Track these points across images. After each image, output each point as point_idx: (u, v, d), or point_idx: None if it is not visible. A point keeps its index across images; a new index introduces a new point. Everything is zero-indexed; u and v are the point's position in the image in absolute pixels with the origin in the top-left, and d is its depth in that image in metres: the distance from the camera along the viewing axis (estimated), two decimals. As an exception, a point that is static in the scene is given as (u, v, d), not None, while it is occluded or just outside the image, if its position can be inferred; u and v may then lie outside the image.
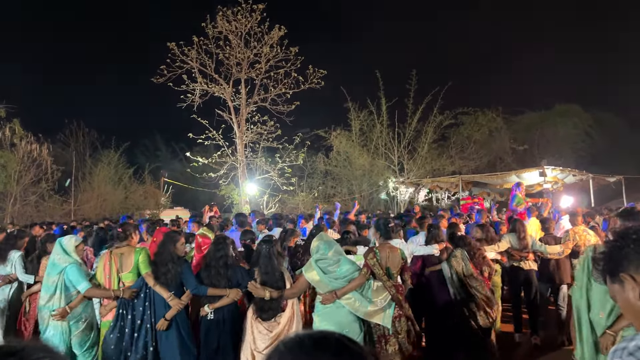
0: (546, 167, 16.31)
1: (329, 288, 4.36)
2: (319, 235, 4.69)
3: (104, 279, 4.81)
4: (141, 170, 28.78)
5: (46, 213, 21.67)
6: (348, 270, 4.41)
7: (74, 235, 5.18)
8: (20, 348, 1.12)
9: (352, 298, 4.37)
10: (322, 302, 4.40)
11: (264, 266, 4.74)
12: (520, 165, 23.51)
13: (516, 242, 6.74)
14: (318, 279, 4.38)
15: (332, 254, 4.42)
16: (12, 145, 20.72)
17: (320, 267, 4.41)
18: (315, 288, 4.75)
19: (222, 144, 19.00)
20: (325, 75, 18.65)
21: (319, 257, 4.43)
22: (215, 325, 4.70)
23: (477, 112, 25.43)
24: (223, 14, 18.51)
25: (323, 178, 24.34)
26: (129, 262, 4.86)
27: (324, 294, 4.40)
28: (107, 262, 4.85)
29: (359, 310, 4.36)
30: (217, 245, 4.94)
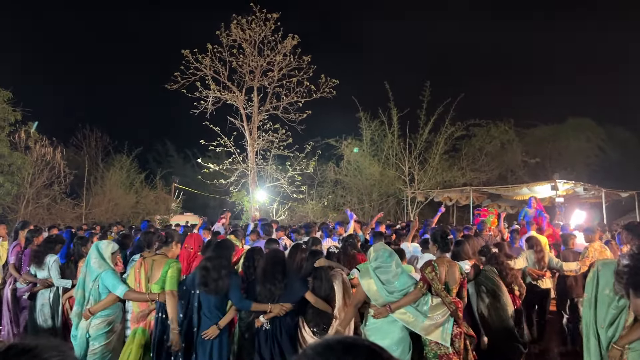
0: (558, 181, 16.20)
1: (383, 301, 4.21)
2: (378, 244, 4.62)
3: (135, 287, 4.67)
4: (152, 175, 28.97)
5: (58, 216, 21.84)
6: (406, 283, 4.28)
7: (112, 242, 5.11)
8: (34, 346, 1.15)
9: (407, 313, 4.21)
10: (375, 315, 4.26)
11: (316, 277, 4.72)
12: (532, 178, 23.37)
13: (534, 259, 6.65)
14: (375, 289, 4.22)
15: (394, 265, 4.32)
16: (27, 148, 20.97)
17: (379, 277, 4.26)
18: None
19: (233, 151, 19.12)
20: (337, 84, 18.74)
21: (378, 265, 4.30)
22: (272, 337, 4.52)
23: (490, 124, 25.37)
24: (237, 23, 18.68)
25: (333, 187, 24.34)
26: (158, 272, 4.66)
27: (376, 307, 4.26)
28: (139, 269, 4.72)
29: (415, 325, 4.19)
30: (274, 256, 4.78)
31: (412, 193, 21.29)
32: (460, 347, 4.32)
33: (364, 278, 4.32)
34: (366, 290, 4.28)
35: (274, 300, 4.49)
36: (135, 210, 25.73)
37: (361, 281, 4.34)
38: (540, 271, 6.60)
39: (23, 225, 7.08)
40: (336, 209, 22.72)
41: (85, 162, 25.42)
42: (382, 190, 23.21)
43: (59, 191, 22.42)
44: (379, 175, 22.85)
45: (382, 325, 4.23)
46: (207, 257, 4.66)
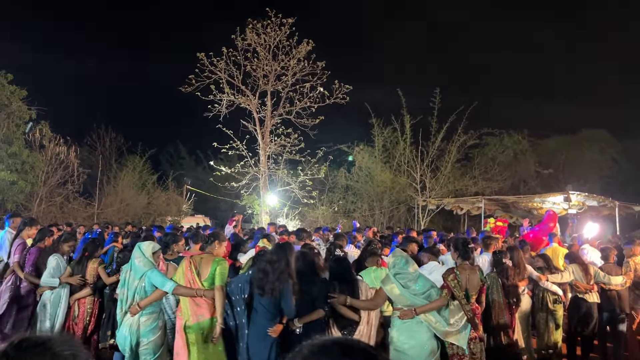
0: (571, 193, 16.04)
1: (409, 303, 4.38)
2: (396, 250, 4.77)
3: (188, 283, 4.74)
4: (165, 177, 29.18)
5: (70, 215, 22.02)
6: (425, 286, 4.44)
7: (152, 243, 5.18)
8: (46, 339, 1.16)
9: (432, 317, 4.38)
10: (401, 317, 4.41)
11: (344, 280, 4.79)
12: (544, 189, 23.16)
13: (580, 273, 6.56)
14: (398, 292, 4.40)
15: (412, 270, 4.48)
16: (41, 146, 21.20)
17: (400, 282, 4.42)
18: None
19: (245, 155, 19.18)
20: (350, 90, 18.76)
21: (398, 271, 4.46)
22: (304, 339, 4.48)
23: (503, 133, 25.22)
24: (253, 27, 18.77)
25: (344, 193, 24.30)
26: (207, 270, 4.76)
27: (402, 309, 4.41)
28: (188, 267, 4.78)
29: (438, 329, 4.37)
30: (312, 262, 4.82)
31: (424, 201, 21.19)
32: (477, 350, 4.52)
33: (386, 284, 4.49)
34: (389, 295, 4.45)
35: (310, 305, 4.55)
36: (147, 211, 25.90)
37: (384, 287, 4.50)
38: (588, 285, 6.52)
39: (31, 222, 6.94)
40: (346, 215, 22.67)
41: (98, 162, 25.65)
42: (393, 197, 23.12)
43: (72, 190, 22.64)
44: (390, 182, 22.78)
45: (410, 326, 4.37)
46: (268, 259, 4.60)
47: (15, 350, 1.14)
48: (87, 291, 5.94)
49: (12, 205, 19.67)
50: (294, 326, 4.57)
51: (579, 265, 6.62)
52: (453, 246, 5.05)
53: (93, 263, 6.05)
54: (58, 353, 1.14)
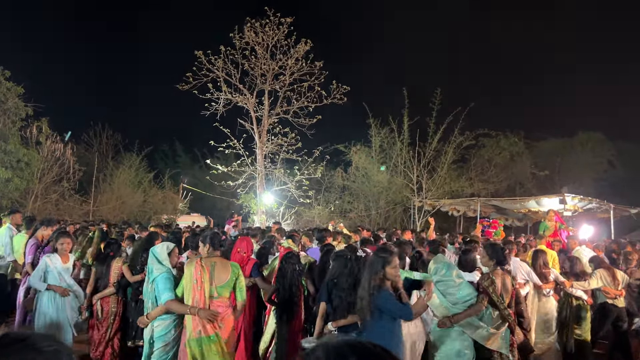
0: (567, 195, 16.11)
1: (447, 313, 4.33)
2: (438, 256, 4.69)
3: (194, 289, 4.35)
4: (161, 175, 29.11)
5: (65, 212, 21.93)
6: (469, 295, 4.38)
7: (166, 242, 5.04)
8: (28, 335, 1.16)
9: (470, 323, 4.35)
10: (439, 326, 4.38)
11: None
12: (540, 191, 23.23)
13: (608, 278, 6.50)
14: (438, 302, 4.34)
15: (455, 276, 4.42)
16: (38, 143, 21.11)
17: (440, 290, 4.36)
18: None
19: (242, 153, 19.15)
20: (347, 91, 18.77)
21: (440, 278, 4.39)
22: None
23: (499, 135, 25.31)
24: (251, 26, 18.75)
25: (340, 193, 24.32)
26: (224, 275, 4.42)
27: (440, 318, 4.38)
28: (198, 270, 4.38)
29: (478, 335, 4.34)
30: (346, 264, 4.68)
31: (420, 202, 21.22)
32: (516, 356, 4.54)
33: None
34: (429, 302, 4.35)
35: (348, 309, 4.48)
36: (143, 209, 25.83)
37: (422, 294, 4.39)
38: (617, 290, 6.50)
39: (48, 222, 6.87)
40: (343, 215, 22.68)
41: (95, 160, 25.56)
42: (389, 197, 23.15)
43: (68, 187, 22.53)
44: (386, 183, 22.81)
45: (449, 333, 4.35)
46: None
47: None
48: (110, 290, 5.89)
49: (7, 202, 19.57)
50: (329, 329, 4.51)
51: (606, 270, 6.55)
52: (487, 252, 4.99)
53: (117, 262, 6.02)
54: (40, 349, 1.13)
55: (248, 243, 6.25)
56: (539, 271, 6.43)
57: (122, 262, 6.04)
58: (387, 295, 3.78)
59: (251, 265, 5.99)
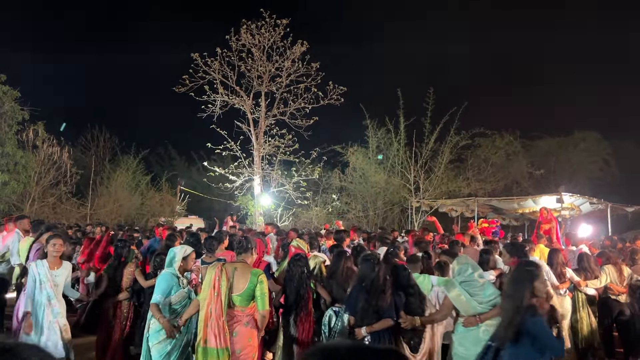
0: (564, 194, 16.16)
1: (473, 312, 4.34)
2: (462, 257, 4.71)
3: (211, 296, 4.09)
4: (158, 177, 29.10)
5: (63, 215, 21.92)
6: (493, 294, 4.39)
7: (185, 246, 5.02)
8: (14, 345, 1.16)
9: (495, 323, 4.32)
10: (465, 324, 4.38)
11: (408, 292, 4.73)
12: (537, 190, 23.30)
13: (615, 274, 6.59)
14: (464, 300, 4.35)
15: (477, 276, 4.43)
16: (34, 147, 21.09)
17: (466, 290, 4.38)
18: None
19: (239, 155, 19.13)
20: (344, 92, 18.78)
21: (464, 279, 4.41)
22: None
23: (495, 134, 25.39)
24: (247, 28, 18.75)
25: (338, 194, 24.33)
26: (243, 282, 4.17)
27: (466, 317, 4.38)
28: (218, 276, 4.11)
29: None
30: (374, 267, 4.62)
31: (417, 202, 21.25)
32: None
33: (451, 291, 4.46)
34: (455, 302, 4.42)
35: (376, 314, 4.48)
36: (140, 211, 25.82)
37: (448, 294, 4.47)
38: (622, 288, 6.59)
39: (54, 227, 6.94)
40: (340, 216, 22.69)
41: (92, 163, 25.53)
42: (387, 198, 23.18)
43: (65, 191, 22.53)
44: (384, 184, 22.84)
45: (474, 334, 4.34)
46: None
47: None
48: (124, 295, 5.87)
49: (5, 205, 19.54)
50: (362, 335, 4.45)
51: (614, 266, 6.63)
52: (508, 250, 4.99)
53: (129, 267, 6.00)
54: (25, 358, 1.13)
55: (260, 244, 6.24)
56: (558, 271, 6.47)
57: (134, 266, 6.01)
58: (542, 322, 3.44)
59: (263, 267, 5.97)
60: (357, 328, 4.49)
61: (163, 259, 5.83)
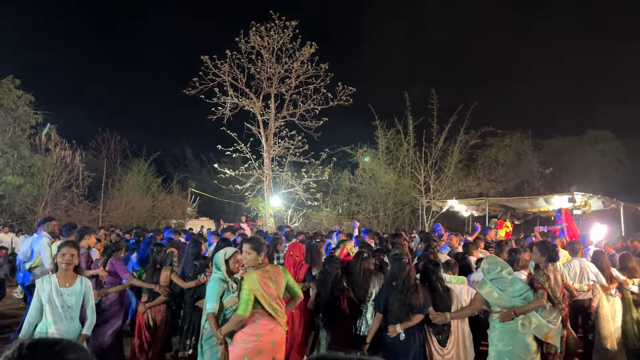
0: (576, 193, 16.02)
1: (508, 305, 4.48)
2: (490, 257, 4.85)
3: (273, 300, 4.11)
4: (169, 179, 29.27)
5: (75, 218, 22.09)
6: (522, 289, 4.54)
7: (227, 248, 4.90)
8: (58, 341, 1.19)
9: (532, 318, 4.48)
10: (501, 319, 4.50)
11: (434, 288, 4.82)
12: (548, 190, 23.14)
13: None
14: (497, 296, 4.50)
15: (506, 273, 4.57)
16: (47, 150, 21.33)
17: (497, 287, 4.52)
18: None
19: (249, 157, 19.21)
20: (353, 92, 18.79)
21: (494, 276, 4.56)
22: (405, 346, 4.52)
23: (505, 133, 25.29)
24: (256, 30, 18.83)
25: (348, 195, 24.34)
26: (281, 279, 4.26)
27: (502, 312, 4.51)
28: (264, 280, 4.11)
29: (538, 330, 4.48)
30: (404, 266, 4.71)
31: (428, 202, 21.19)
32: (564, 348, 4.71)
33: (483, 288, 4.60)
34: (488, 298, 4.56)
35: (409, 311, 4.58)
36: (152, 214, 25.97)
37: (480, 291, 4.61)
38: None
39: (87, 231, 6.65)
40: (350, 217, 22.69)
41: (103, 165, 25.73)
42: (397, 199, 23.15)
43: (77, 193, 22.72)
44: (394, 184, 22.80)
45: (511, 328, 4.47)
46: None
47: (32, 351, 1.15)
48: (161, 299, 5.77)
49: (19, 208, 19.79)
50: (395, 332, 4.53)
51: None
52: (540, 249, 5.09)
53: (165, 270, 5.89)
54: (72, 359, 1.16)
55: (300, 248, 6.27)
56: (607, 272, 6.45)
57: (169, 270, 5.94)
58: None
59: (304, 270, 5.99)
60: (390, 325, 4.58)
61: (202, 264, 5.92)
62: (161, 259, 6.01)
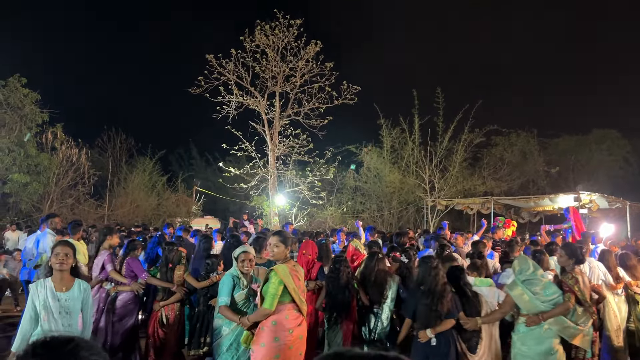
0: (581, 193, 15.96)
1: (536, 310, 4.39)
2: (522, 257, 4.73)
3: (299, 293, 4.14)
4: (174, 178, 29.38)
5: (81, 216, 22.18)
6: (555, 293, 4.45)
7: (243, 246, 4.94)
8: (71, 339, 1.20)
9: (560, 321, 4.41)
10: (527, 324, 4.42)
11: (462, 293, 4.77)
12: (553, 189, 23.05)
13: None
14: (527, 299, 4.41)
15: (540, 276, 4.50)
16: (53, 148, 21.43)
17: (528, 289, 4.43)
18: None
19: (254, 156, 19.23)
20: (358, 91, 18.77)
21: (527, 277, 4.47)
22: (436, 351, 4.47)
23: (511, 132, 25.20)
24: (261, 29, 18.84)
25: (352, 193, 24.33)
26: (302, 277, 4.39)
27: (528, 316, 4.43)
28: (294, 273, 4.13)
29: (566, 333, 4.41)
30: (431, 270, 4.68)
31: (432, 201, 21.15)
32: (595, 351, 4.70)
33: (513, 290, 4.50)
34: (517, 301, 4.46)
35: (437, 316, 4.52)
36: (157, 212, 26.08)
37: (510, 292, 4.50)
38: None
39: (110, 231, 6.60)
40: (355, 216, 22.68)
41: (109, 164, 25.85)
42: (401, 198, 23.11)
43: (83, 192, 22.84)
44: (398, 183, 22.76)
45: (537, 332, 4.40)
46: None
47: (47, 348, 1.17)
48: (176, 297, 5.77)
49: (26, 206, 19.90)
50: (427, 337, 4.48)
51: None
52: (567, 252, 5.02)
53: (178, 270, 5.88)
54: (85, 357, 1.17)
55: (313, 246, 6.25)
56: (614, 272, 6.43)
57: (183, 269, 5.91)
58: None
59: (317, 268, 5.97)
60: (420, 331, 4.52)
61: (215, 262, 5.96)
62: (173, 258, 5.97)
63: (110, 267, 6.09)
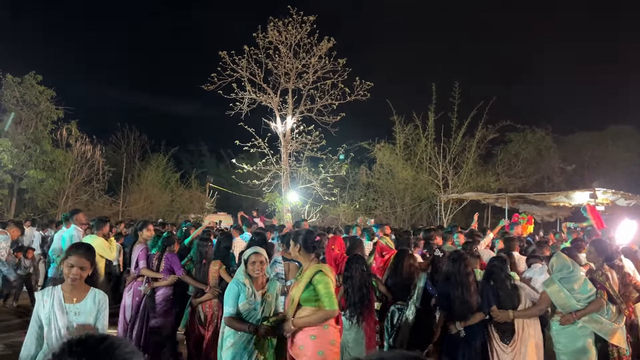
0: (597, 189, 15.76)
1: (570, 309, 4.40)
2: (559, 254, 4.76)
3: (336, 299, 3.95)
4: (188, 174, 29.57)
5: (96, 212, 22.40)
6: (591, 291, 4.45)
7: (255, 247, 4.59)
8: (107, 336, 1.22)
9: (595, 318, 4.41)
10: (562, 322, 4.45)
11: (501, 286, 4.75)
12: (569, 186, 22.79)
13: None
14: (564, 296, 4.41)
15: (577, 274, 4.49)
16: (68, 145, 21.67)
17: (565, 287, 4.44)
18: None
19: (267, 152, 19.25)
20: (371, 87, 18.69)
21: (564, 275, 4.46)
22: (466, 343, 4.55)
23: (526, 128, 24.96)
24: (274, 25, 18.82)
25: (365, 190, 24.28)
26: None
27: (563, 314, 4.45)
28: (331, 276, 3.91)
29: (602, 330, 4.41)
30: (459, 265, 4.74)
31: (446, 198, 21.03)
32: (630, 351, 4.65)
33: (550, 287, 4.51)
34: (553, 298, 4.47)
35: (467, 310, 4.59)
36: (170, 208, 26.27)
37: (547, 289, 4.52)
38: None
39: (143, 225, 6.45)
40: (368, 213, 22.62)
41: (123, 160, 26.08)
42: (414, 194, 23.01)
43: (98, 188, 23.08)
44: (411, 180, 22.67)
45: (572, 330, 4.42)
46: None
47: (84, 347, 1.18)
48: (208, 295, 5.71)
49: (41, 202, 20.15)
50: (456, 329, 4.56)
51: None
52: (597, 249, 4.99)
53: (214, 265, 5.79)
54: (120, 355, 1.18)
55: (340, 241, 6.20)
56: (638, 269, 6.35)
57: (218, 265, 5.82)
58: None
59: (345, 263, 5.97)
60: (450, 323, 4.60)
61: None
62: (207, 253, 5.91)
63: (143, 264, 5.95)
